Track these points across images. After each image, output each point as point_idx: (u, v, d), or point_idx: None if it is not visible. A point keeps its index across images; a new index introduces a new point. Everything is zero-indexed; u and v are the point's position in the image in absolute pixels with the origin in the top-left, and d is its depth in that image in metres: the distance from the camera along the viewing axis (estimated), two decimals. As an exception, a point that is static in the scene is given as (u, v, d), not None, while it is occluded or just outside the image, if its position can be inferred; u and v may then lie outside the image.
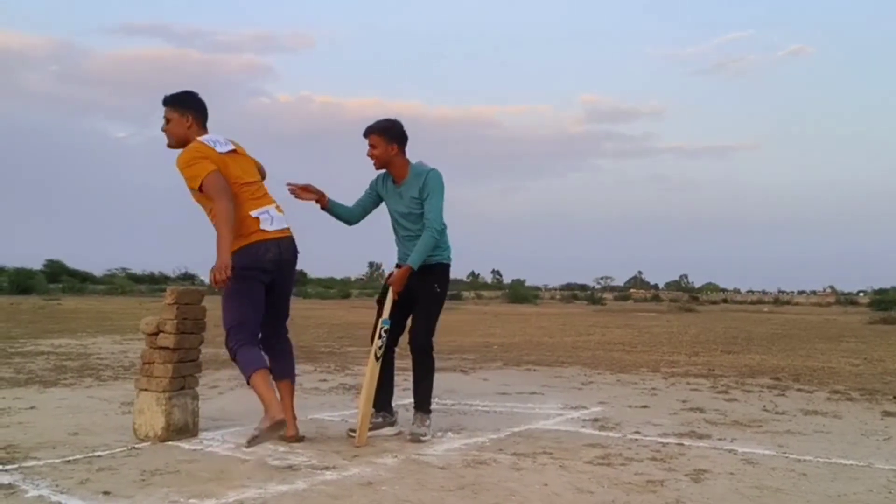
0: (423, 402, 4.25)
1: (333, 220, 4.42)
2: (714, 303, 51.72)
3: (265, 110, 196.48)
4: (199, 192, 3.82)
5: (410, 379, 4.40)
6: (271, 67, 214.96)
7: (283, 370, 4.18)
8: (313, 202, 4.35)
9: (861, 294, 65.97)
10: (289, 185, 4.30)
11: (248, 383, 3.80)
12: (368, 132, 4.29)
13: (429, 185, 4.17)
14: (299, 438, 4.04)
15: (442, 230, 4.26)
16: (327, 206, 4.38)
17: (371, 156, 4.29)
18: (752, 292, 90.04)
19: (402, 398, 4.94)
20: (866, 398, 6.03)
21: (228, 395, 5.70)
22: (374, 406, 4.20)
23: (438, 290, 4.28)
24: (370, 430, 4.10)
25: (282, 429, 3.67)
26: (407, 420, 4.35)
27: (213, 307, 4.04)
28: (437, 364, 8.08)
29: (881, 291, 50.83)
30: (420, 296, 4.23)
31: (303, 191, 4.31)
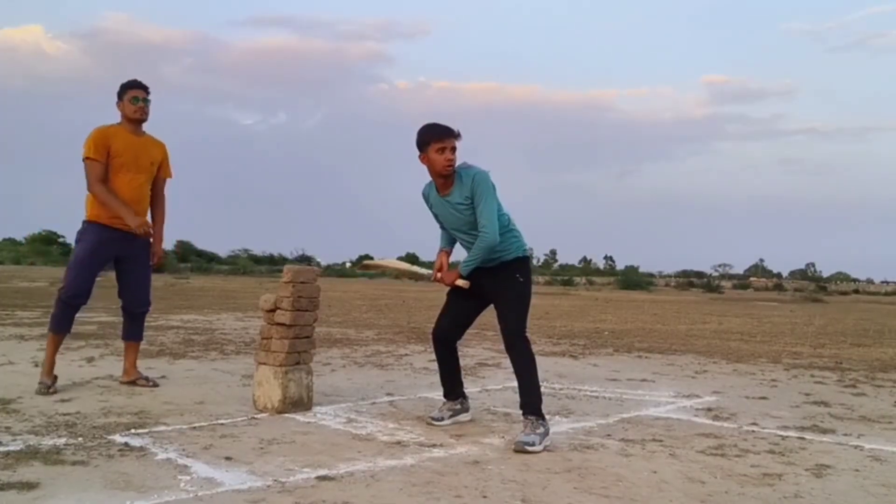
0: (530, 404, 3.72)
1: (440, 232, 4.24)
2: (844, 293, 48.81)
3: (384, 96, 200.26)
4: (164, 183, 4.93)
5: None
6: (390, 54, 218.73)
7: (133, 332, 4.97)
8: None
9: None
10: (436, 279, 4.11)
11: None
12: (456, 135, 3.86)
13: (478, 189, 3.81)
14: (133, 382, 4.82)
15: (506, 231, 3.91)
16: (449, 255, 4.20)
17: (451, 166, 3.84)
18: (887, 283, 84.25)
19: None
20: None
21: (340, 372, 5.89)
22: (449, 396, 4.13)
23: (522, 279, 3.94)
24: (450, 416, 4.04)
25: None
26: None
27: (327, 287, 4.19)
28: (548, 348, 8.18)
29: None
30: (499, 291, 3.91)
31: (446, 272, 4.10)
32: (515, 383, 3.84)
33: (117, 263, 4.80)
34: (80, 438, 3.41)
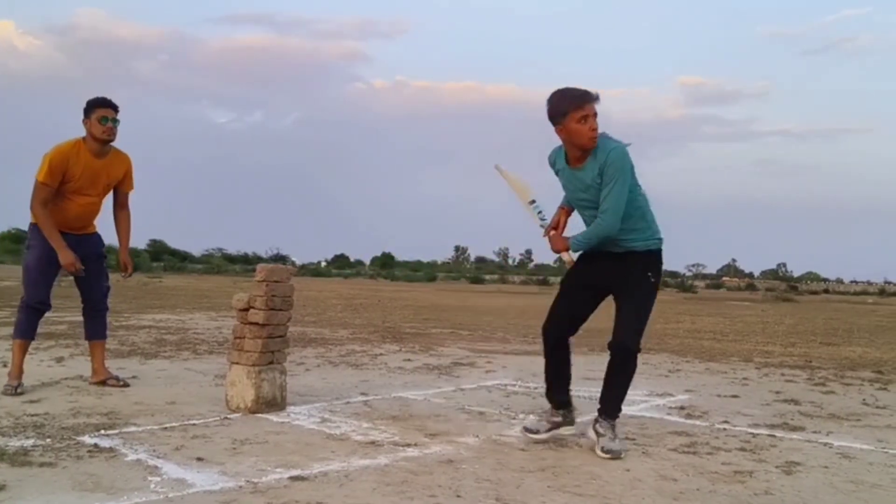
0: (610, 406, 3.53)
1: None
2: (814, 293, 49.48)
3: (362, 96, 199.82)
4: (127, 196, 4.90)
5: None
6: (368, 54, 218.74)
7: (95, 331, 4.90)
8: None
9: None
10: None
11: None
12: (595, 98, 3.39)
13: (610, 168, 3.33)
14: (102, 382, 4.76)
15: (639, 217, 3.48)
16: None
17: (596, 130, 3.37)
18: (857, 283, 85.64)
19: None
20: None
21: (314, 371, 5.85)
22: (553, 404, 3.70)
23: (653, 279, 3.52)
24: (547, 430, 3.65)
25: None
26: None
27: (302, 287, 4.16)
28: (523, 347, 8.19)
29: None
30: (624, 286, 3.52)
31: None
32: (494, 382, 3.83)
33: None
34: (48, 440, 3.35)
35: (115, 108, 4.63)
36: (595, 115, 3.35)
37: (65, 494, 2.63)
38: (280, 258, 58.34)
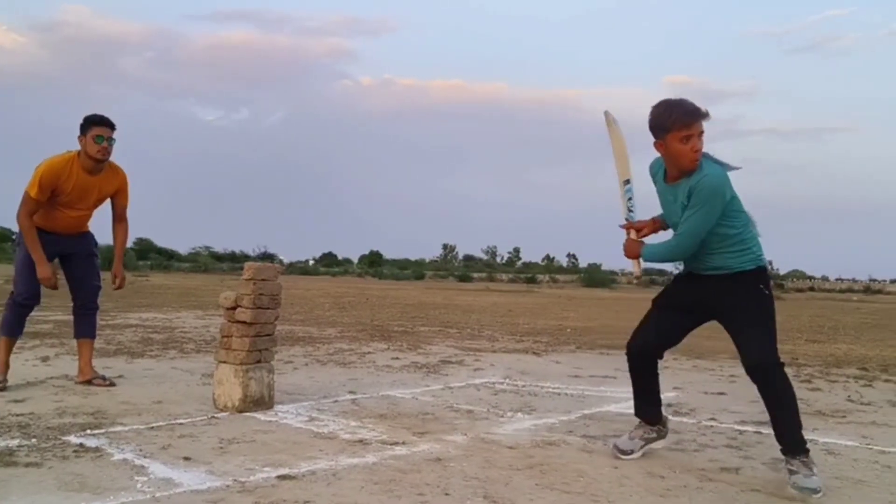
0: (794, 441, 3.07)
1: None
2: (800, 290, 49.84)
3: (349, 93, 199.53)
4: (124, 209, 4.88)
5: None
6: (355, 51, 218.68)
7: (84, 330, 4.85)
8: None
9: (960, 284, 62.47)
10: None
11: None
12: (703, 115, 3.09)
13: (696, 196, 3.07)
14: (89, 382, 4.72)
15: (738, 240, 3.16)
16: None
17: (700, 152, 3.10)
18: (842, 280, 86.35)
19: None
20: (962, 392, 5.71)
21: (302, 370, 5.84)
22: (647, 420, 3.48)
23: (766, 291, 3.21)
24: (641, 447, 3.42)
25: None
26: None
27: (290, 285, 4.15)
28: (511, 345, 8.23)
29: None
30: (736, 306, 3.19)
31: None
32: (482, 380, 3.81)
33: (62, 261, 4.76)
34: (33, 440, 3.33)
35: (111, 127, 4.59)
36: (701, 134, 3.08)
37: (50, 495, 2.61)
38: (267, 256, 58.21)
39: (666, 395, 5.12)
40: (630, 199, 3.42)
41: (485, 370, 6.16)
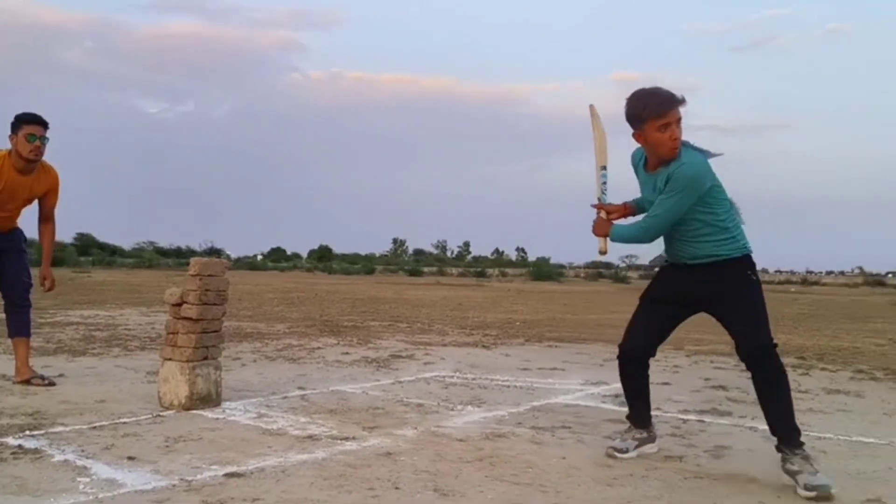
0: (790, 429, 3.00)
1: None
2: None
3: (297, 86, 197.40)
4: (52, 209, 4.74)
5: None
6: (303, 44, 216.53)
7: (18, 328, 4.72)
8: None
9: (889, 275, 65.03)
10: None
11: None
12: (679, 102, 3.07)
13: (674, 180, 3.04)
14: (27, 382, 4.58)
15: (721, 228, 3.12)
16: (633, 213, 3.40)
17: (679, 140, 3.08)
18: (780, 272, 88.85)
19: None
20: (890, 378, 5.96)
21: (251, 366, 5.77)
22: (635, 423, 3.42)
23: (754, 277, 3.19)
24: (635, 447, 3.35)
25: None
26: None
27: (238, 280, 4.10)
28: (461, 339, 8.26)
29: (912, 272, 50.01)
30: (729, 294, 3.15)
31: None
32: (432, 374, 3.82)
33: None
34: (-32, 442, 3.22)
35: (44, 126, 4.44)
36: (678, 121, 3.05)
37: (-13, 498, 2.54)
38: (214, 251, 57.24)
39: (613, 386, 5.23)
40: (604, 183, 3.41)
41: (435, 364, 6.18)
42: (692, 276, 3.21)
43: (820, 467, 2.89)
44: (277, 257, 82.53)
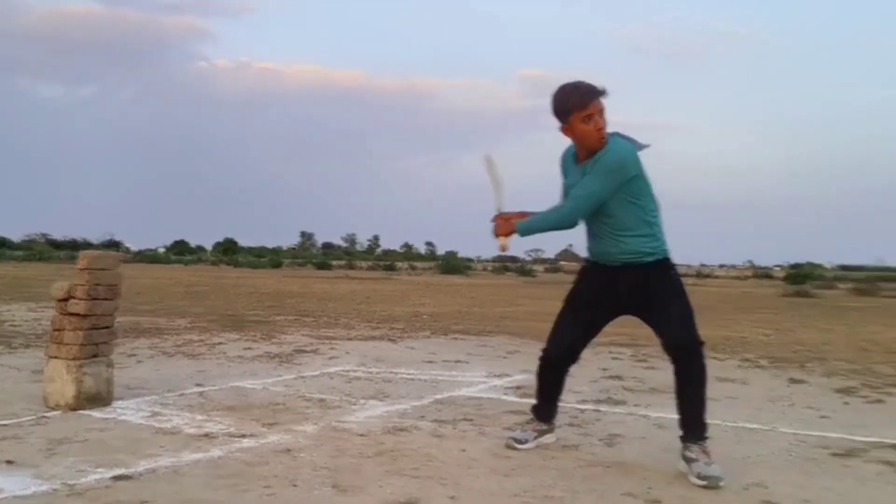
0: (700, 425, 3.09)
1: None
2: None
3: (203, 74, 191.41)
4: None
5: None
6: (211, 31, 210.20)
7: None
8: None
9: (777, 268, 68.75)
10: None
11: None
12: (599, 94, 3.09)
13: (598, 164, 3.08)
14: None
15: (646, 223, 3.16)
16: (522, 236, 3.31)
17: (604, 129, 3.10)
18: (677, 265, 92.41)
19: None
20: (775, 366, 6.29)
21: (147, 363, 5.57)
22: (540, 418, 3.45)
23: (677, 277, 3.28)
24: (535, 438, 3.38)
25: None
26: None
27: (139, 274, 3.94)
28: (367, 333, 8.21)
29: (795, 266, 53.37)
30: (655, 294, 3.19)
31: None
32: (336, 368, 3.76)
33: None
34: None
35: None
36: (601, 111, 3.08)
37: None
38: (113, 244, 55.01)
39: (515, 378, 5.32)
40: (500, 196, 3.38)
41: (340, 358, 6.12)
42: (621, 278, 3.19)
43: (715, 459, 3.00)
44: (181, 250, 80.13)
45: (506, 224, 3.26)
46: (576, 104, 3.07)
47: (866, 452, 3.45)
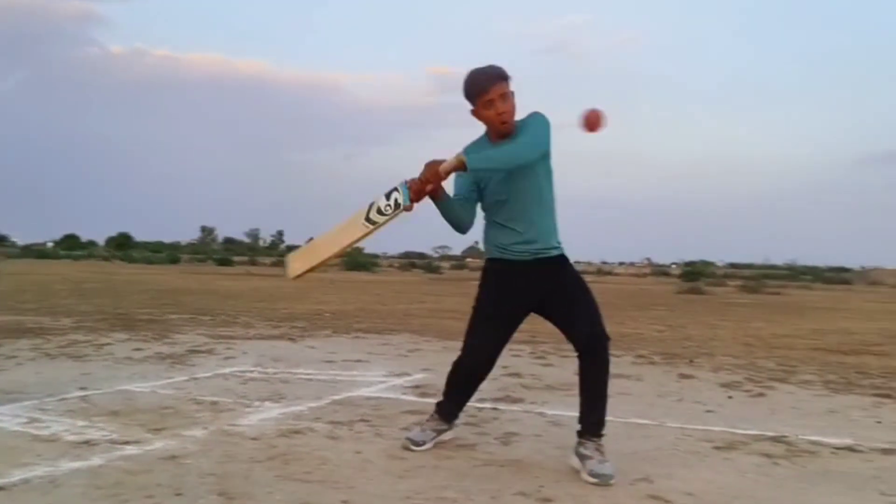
0: (600, 421, 3.14)
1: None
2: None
3: (96, 61, 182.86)
4: None
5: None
6: (103, 15, 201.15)
7: None
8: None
9: (673, 266, 71.68)
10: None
11: None
12: (499, 78, 3.07)
13: (528, 120, 3.10)
14: None
15: (553, 211, 3.20)
16: (443, 201, 3.15)
17: (506, 114, 3.09)
18: (579, 263, 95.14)
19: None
20: (666, 362, 6.53)
21: (28, 366, 5.26)
22: (444, 418, 3.42)
23: (577, 272, 3.29)
24: (433, 438, 3.36)
25: None
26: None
27: (24, 270, 3.69)
28: (267, 332, 8.03)
29: (690, 264, 55.75)
30: (565, 289, 3.20)
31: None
32: (231, 369, 3.64)
33: None
34: None
35: None
36: (503, 96, 3.05)
37: None
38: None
39: (415, 377, 5.32)
40: (372, 218, 3.10)
41: (236, 358, 5.96)
42: (532, 279, 3.18)
43: (608, 457, 3.06)
44: (71, 245, 76.56)
45: (432, 169, 2.99)
46: (478, 90, 3.08)
47: (747, 445, 3.61)
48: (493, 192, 3.17)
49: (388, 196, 3.07)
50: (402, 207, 3.04)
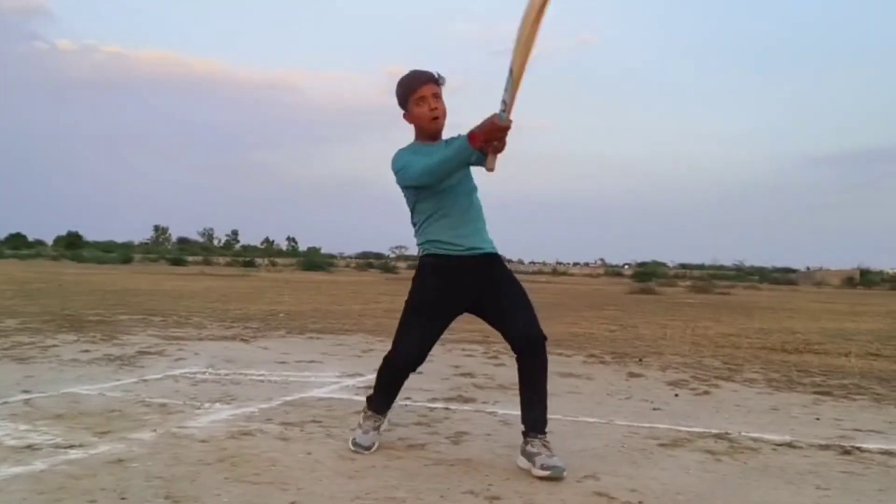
0: (543, 419, 3.18)
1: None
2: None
3: (42, 57, 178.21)
4: None
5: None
6: (50, 10, 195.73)
7: None
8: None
9: (626, 266, 72.75)
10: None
11: None
12: (430, 78, 3.14)
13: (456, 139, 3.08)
14: None
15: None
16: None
17: (437, 110, 3.14)
18: (534, 263, 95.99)
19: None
20: (617, 361, 6.64)
21: (-32, 369, 5.12)
22: (380, 411, 3.43)
23: (512, 273, 3.33)
24: (377, 435, 3.39)
25: None
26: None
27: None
28: (219, 332, 7.93)
29: (642, 264, 56.71)
30: (503, 287, 3.23)
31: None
32: (182, 370, 3.59)
33: None
34: None
35: None
36: (435, 95, 3.12)
37: None
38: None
39: (368, 378, 5.30)
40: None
41: (187, 360, 5.88)
42: (471, 277, 3.20)
43: (555, 452, 3.09)
44: (17, 244, 74.56)
45: (500, 128, 2.85)
46: (409, 89, 3.14)
47: (691, 442, 3.70)
48: (438, 186, 3.12)
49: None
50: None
